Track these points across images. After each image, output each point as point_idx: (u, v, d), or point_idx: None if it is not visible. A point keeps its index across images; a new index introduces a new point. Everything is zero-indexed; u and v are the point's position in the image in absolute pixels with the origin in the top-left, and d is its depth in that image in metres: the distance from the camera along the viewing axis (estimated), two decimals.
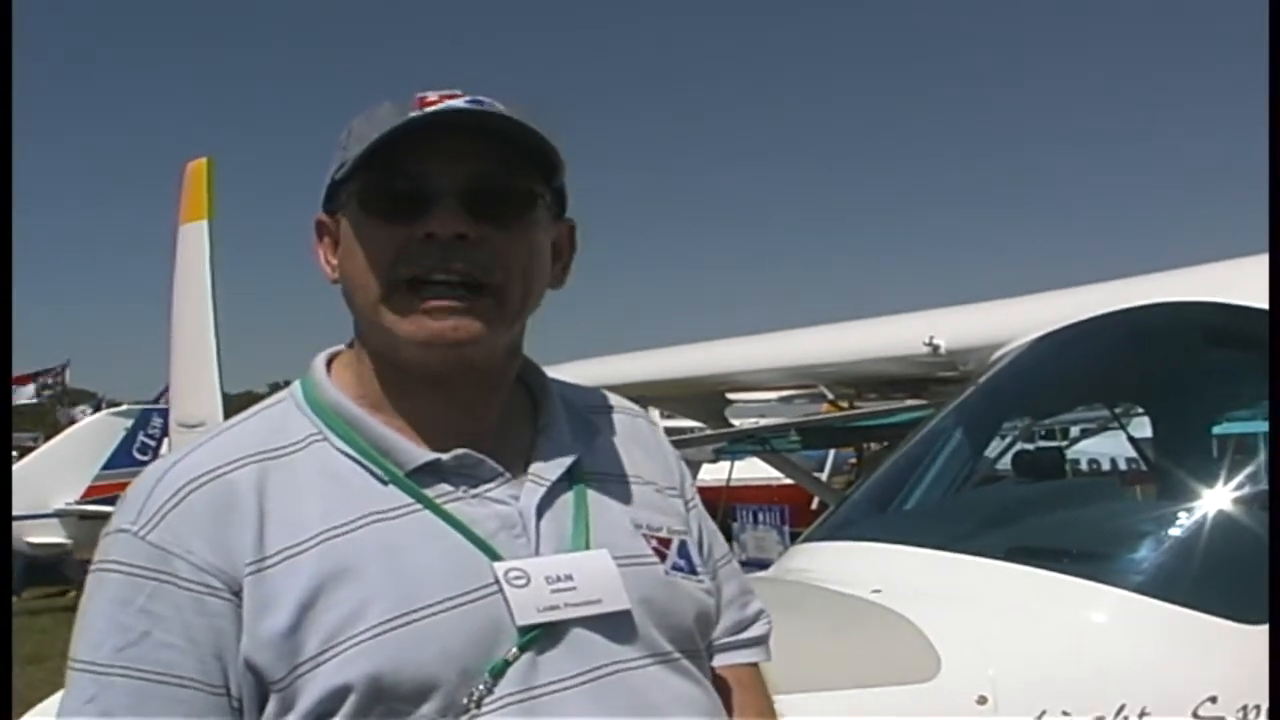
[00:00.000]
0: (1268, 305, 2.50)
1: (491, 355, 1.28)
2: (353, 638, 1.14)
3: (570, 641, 1.21)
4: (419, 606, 1.16)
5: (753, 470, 12.31)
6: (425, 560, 1.19)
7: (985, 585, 2.36)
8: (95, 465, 14.69)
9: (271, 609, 1.16)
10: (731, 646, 1.43)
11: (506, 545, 1.23)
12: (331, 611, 1.15)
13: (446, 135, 1.22)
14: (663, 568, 1.31)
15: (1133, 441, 4.24)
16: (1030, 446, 4.49)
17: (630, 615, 1.24)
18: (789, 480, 8.09)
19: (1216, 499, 2.62)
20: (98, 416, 17.01)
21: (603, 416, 1.43)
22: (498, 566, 1.21)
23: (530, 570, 1.21)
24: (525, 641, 1.19)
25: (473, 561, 1.21)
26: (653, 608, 1.27)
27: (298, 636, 1.15)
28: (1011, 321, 3.51)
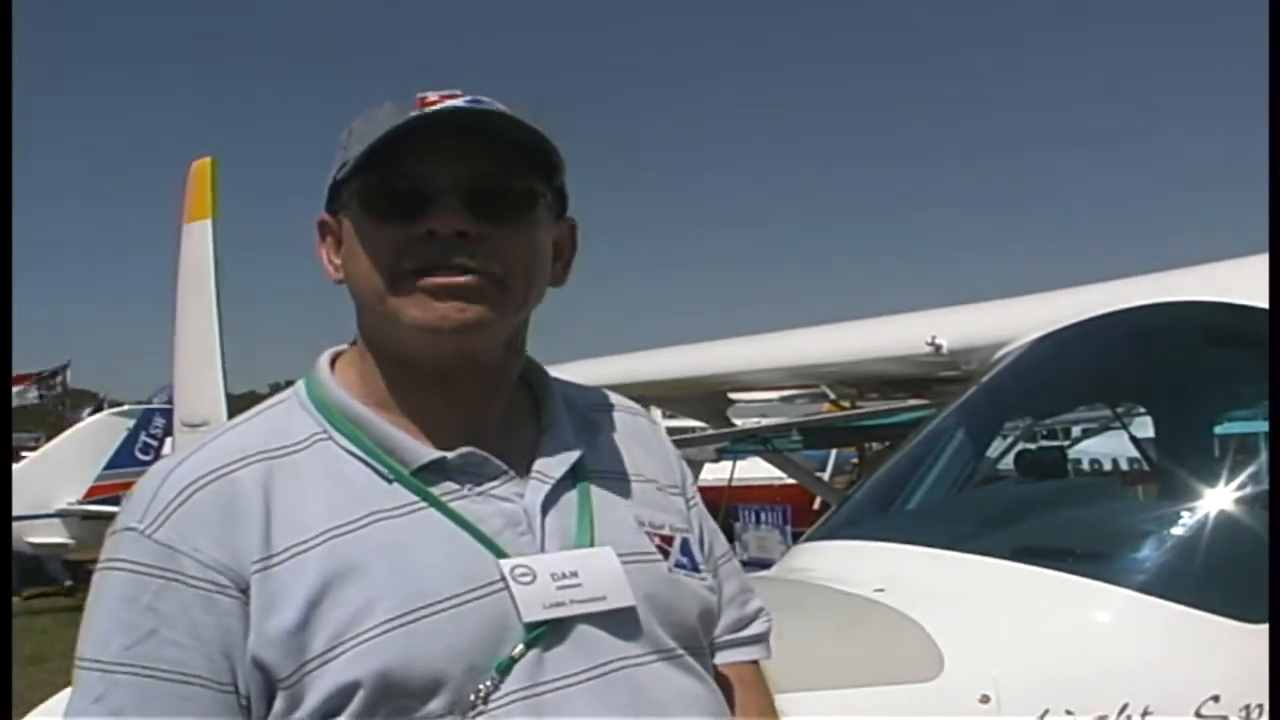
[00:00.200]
0: (1268, 305, 2.50)
1: (493, 345, 1.28)
2: (361, 635, 1.15)
3: (576, 638, 1.21)
4: (426, 604, 1.17)
5: (755, 470, 12.32)
6: (431, 558, 1.20)
7: (988, 584, 2.36)
8: (97, 465, 14.70)
9: (279, 606, 1.16)
10: (732, 644, 1.44)
11: (512, 543, 1.23)
12: (339, 609, 1.16)
13: (447, 135, 1.23)
14: (666, 565, 1.32)
15: (1135, 441, 4.23)
16: (1032, 446, 4.49)
17: (635, 612, 1.25)
18: (791, 480, 8.10)
19: (1219, 499, 2.62)
20: (99, 417, 17.01)
21: (604, 415, 1.44)
22: (504, 563, 1.21)
23: (536, 567, 1.22)
24: (531, 638, 1.19)
25: (479, 559, 1.21)
26: (657, 604, 1.27)
27: (305, 634, 1.15)
28: (1013, 321, 3.50)
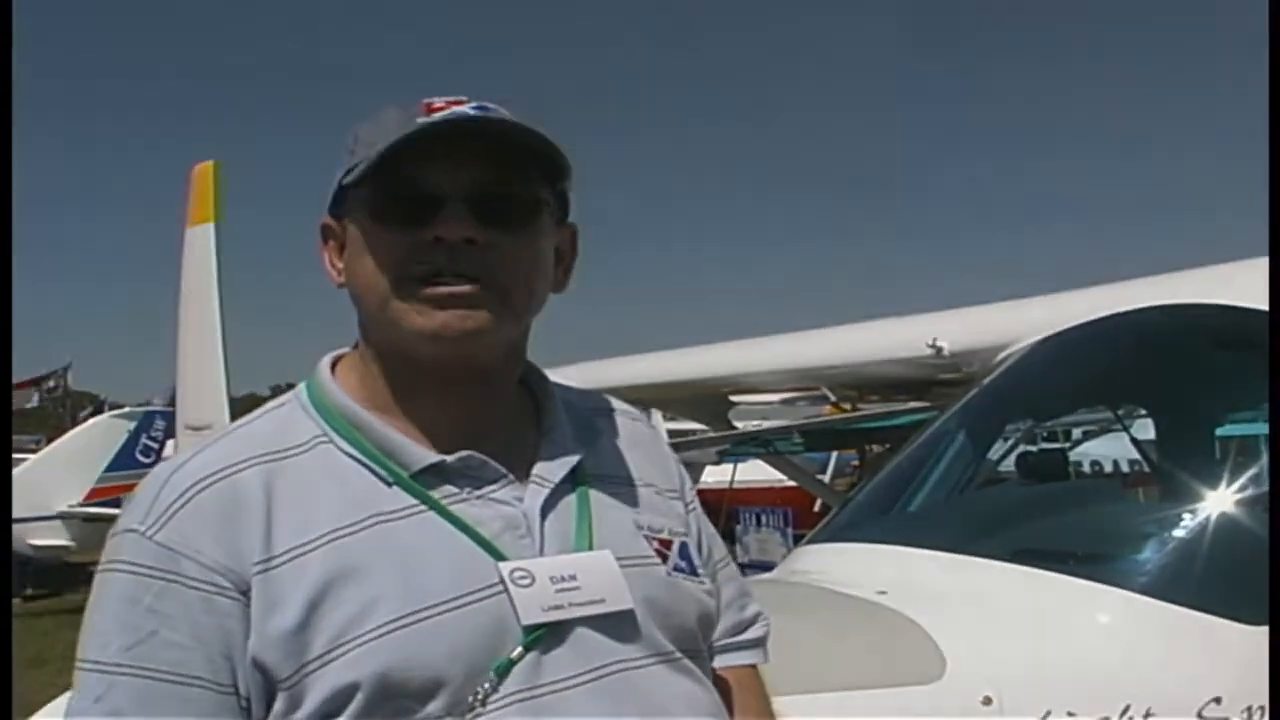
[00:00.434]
0: (1268, 307, 2.50)
1: (495, 351, 1.29)
2: (361, 636, 1.15)
3: (574, 641, 1.22)
4: (426, 606, 1.17)
5: (756, 472, 12.35)
6: (431, 561, 1.20)
7: (990, 586, 2.36)
8: (98, 467, 14.73)
9: (279, 608, 1.16)
10: (731, 648, 1.44)
11: (511, 546, 1.24)
12: (339, 610, 1.16)
13: (454, 142, 1.23)
14: (665, 569, 1.32)
15: (1135, 443, 4.23)
16: (1033, 448, 4.49)
17: (633, 615, 1.25)
18: (792, 482, 8.11)
19: (1219, 501, 2.62)
20: (100, 419, 17.06)
21: (604, 420, 1.44)
22: (503, 566, 1.21)
23: (535, 570, 1.22)
24: (530, 641, 1.19)
25: (478, 562, 1.21)
26: (655, 608, 1.27)
27: (306, 635, 1.16)
28: (1014, 324, 3.51)
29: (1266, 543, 2.35)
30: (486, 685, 1.17)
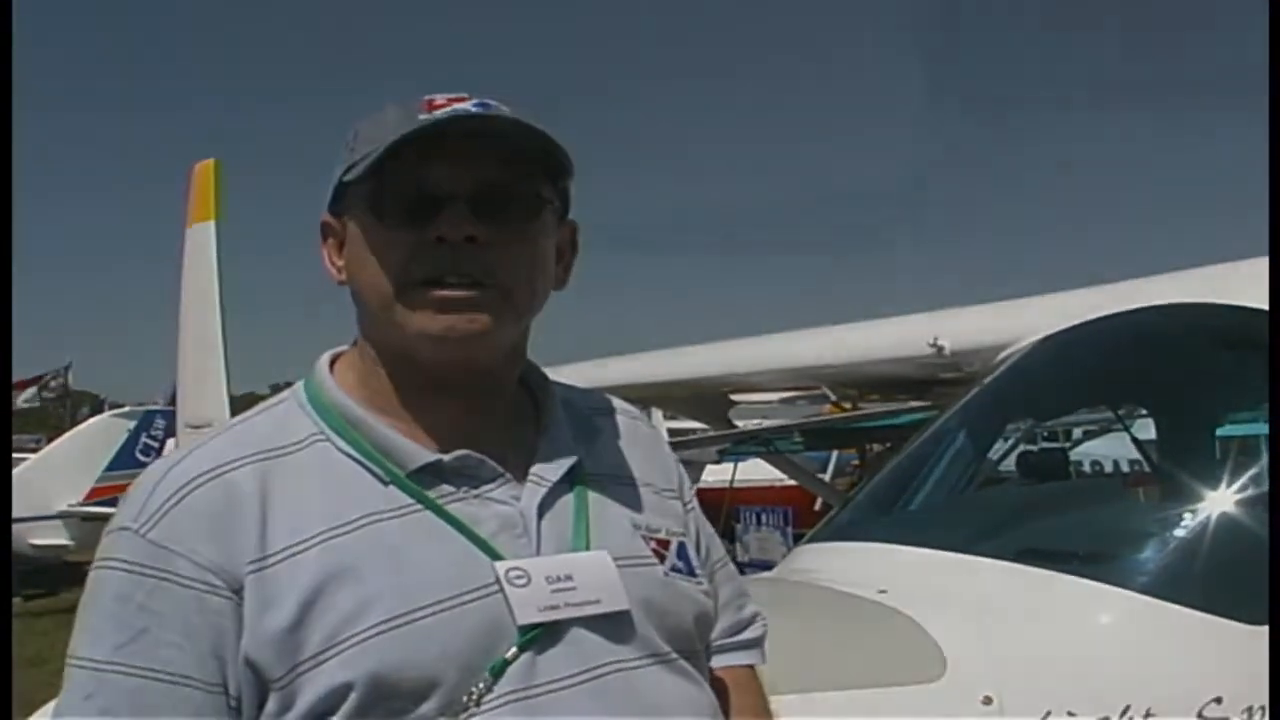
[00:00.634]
0: (1268, 307, 2.50)
1: (496, 353, 1.28)
2: (355, 636, 1.15)
3: (570, 641, 1.21)
4: (420, 606, 1.16)
5: (756, 471, 12.35)
6: (427, 560, 1.19)
7: (990, 586, 2.36)
8: (98, 467, 14.72)
9: (273, 607, 1.16)
10: (728, 648, 1.43)
11: (508, 545, 1.23)
12: (333, 610, 1.15)
13: (456, 139, 1.23)
14: (662, 569, 1.31)
15: (1136, 443, 4.23)
16: (1034, 448, 4.49)
17: (630, 615, 1.24)
18: (792, 481, 8.11)
19: (1220, 501, 2.62)
20: (100, 418, 17.05)
21: (603, 419, 1.44)
22: (499, 566, 1.21)
23: (530, 570, 1.22)
24: (525, 641, 1.19)
25: (474, 561, 1.21)
26: (652, 608, 1.27)
27: (299, 634, 1.15)
28: (1015, 323, 3.51)
29: (1266, 542, 2.35)
30: (481, 685, 1.16)
